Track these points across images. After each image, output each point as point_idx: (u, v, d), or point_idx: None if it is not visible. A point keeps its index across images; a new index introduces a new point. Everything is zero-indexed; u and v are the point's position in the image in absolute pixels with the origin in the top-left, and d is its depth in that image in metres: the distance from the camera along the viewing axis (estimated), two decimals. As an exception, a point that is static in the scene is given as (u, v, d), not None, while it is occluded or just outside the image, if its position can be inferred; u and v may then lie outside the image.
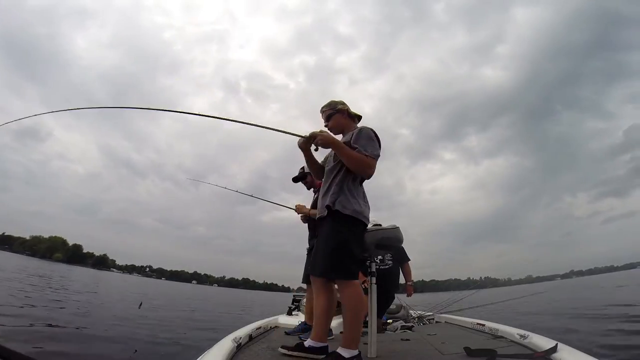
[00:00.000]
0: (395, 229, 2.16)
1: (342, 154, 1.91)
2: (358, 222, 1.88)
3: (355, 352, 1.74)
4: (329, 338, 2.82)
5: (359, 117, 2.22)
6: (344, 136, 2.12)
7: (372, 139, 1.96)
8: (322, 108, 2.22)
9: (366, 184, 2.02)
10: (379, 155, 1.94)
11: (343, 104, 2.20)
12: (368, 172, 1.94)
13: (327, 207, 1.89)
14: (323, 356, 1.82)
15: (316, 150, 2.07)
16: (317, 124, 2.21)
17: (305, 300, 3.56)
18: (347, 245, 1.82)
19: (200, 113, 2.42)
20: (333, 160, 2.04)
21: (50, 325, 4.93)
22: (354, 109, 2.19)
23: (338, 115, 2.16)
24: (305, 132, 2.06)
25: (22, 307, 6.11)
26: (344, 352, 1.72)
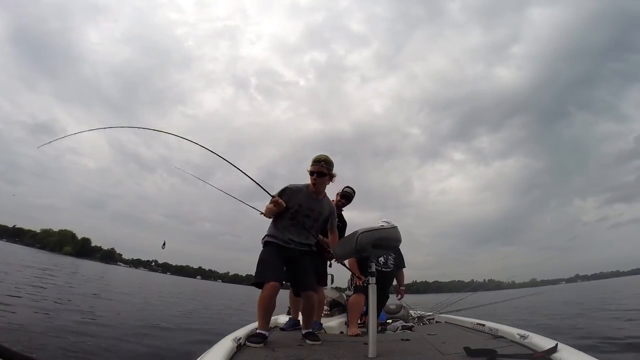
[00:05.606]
0: (393, 228, 2.11)
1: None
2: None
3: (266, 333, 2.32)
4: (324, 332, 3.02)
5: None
6: (317, 195, 2.53)
7: None
8: (321, 162, 2.45)
9: (374, 184, 2.12)
10: None
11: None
12: None
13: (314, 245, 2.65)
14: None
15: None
16: (325, 123, 2.28)
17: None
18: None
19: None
20: (313, 218, 2.56)
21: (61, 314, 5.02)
22: (364, 107, 2.26)
23: (327, 179, 2.49)
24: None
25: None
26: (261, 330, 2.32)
